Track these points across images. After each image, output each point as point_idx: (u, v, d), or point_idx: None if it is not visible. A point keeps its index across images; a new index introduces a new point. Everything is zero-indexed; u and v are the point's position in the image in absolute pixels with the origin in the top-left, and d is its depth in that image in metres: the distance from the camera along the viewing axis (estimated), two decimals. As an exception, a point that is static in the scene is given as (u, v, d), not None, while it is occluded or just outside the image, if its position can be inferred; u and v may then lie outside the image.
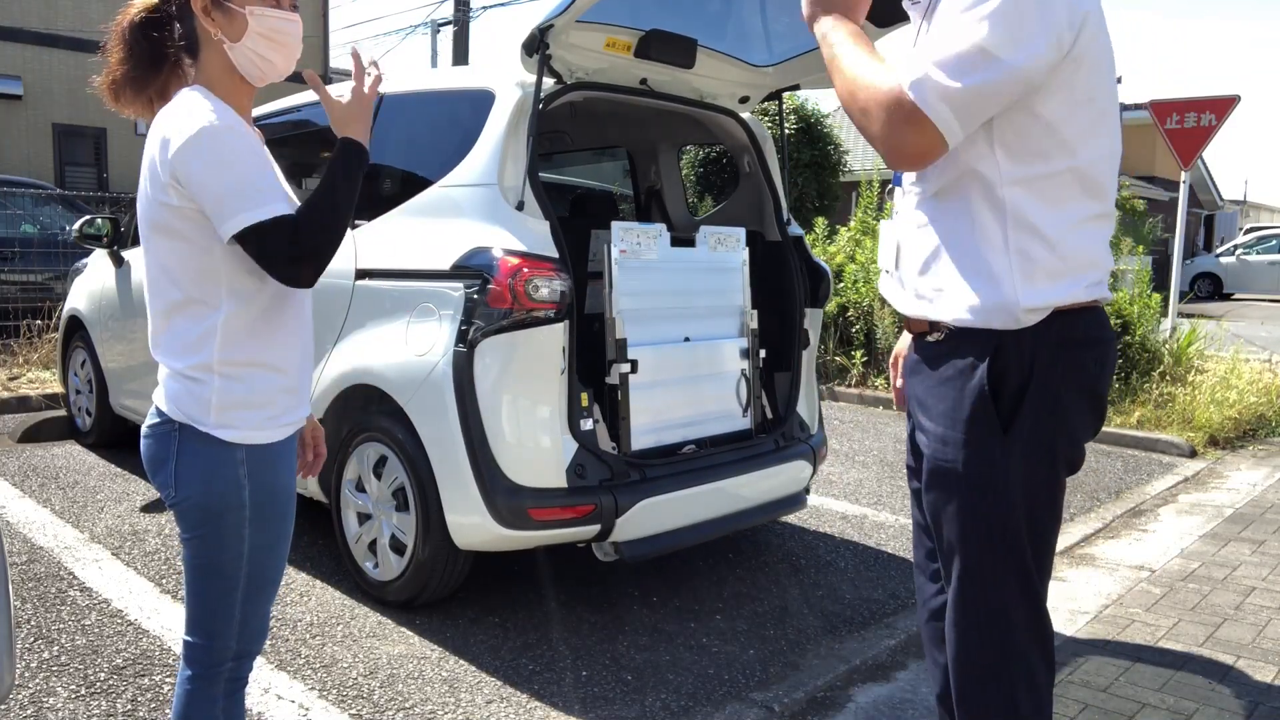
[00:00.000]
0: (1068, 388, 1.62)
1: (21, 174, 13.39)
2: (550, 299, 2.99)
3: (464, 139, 3.30)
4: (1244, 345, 8.66)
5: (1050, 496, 1.66)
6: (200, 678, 1.77)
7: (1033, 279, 1.58)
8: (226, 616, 1.75)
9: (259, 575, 1.77)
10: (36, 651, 2.93)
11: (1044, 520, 1.66)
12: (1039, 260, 1.58)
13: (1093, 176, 1.60)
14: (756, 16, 3.61)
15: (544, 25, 2.97)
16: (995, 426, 1.61)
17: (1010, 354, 1.60)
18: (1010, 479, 1.62)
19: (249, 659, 1.83)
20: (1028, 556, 1.65)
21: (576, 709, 2.70)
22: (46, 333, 7.55)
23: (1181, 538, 4.35)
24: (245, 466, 1.70)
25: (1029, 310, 1.57)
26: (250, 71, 1.74)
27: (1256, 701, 2.75)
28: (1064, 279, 1.59)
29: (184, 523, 1.75)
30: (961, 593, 1.70)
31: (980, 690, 1.71)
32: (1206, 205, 32.00)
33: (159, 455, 1.74)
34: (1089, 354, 1.64)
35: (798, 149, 13.41)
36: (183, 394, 1.70)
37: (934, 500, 1.71)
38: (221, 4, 1.69)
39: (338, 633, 3.15)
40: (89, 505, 4.42)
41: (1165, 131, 8.60)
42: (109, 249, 5.10)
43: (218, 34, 1.70)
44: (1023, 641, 1.66)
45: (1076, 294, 1.60)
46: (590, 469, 3.10)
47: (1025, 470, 1.62)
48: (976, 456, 1.62)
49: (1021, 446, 1.60)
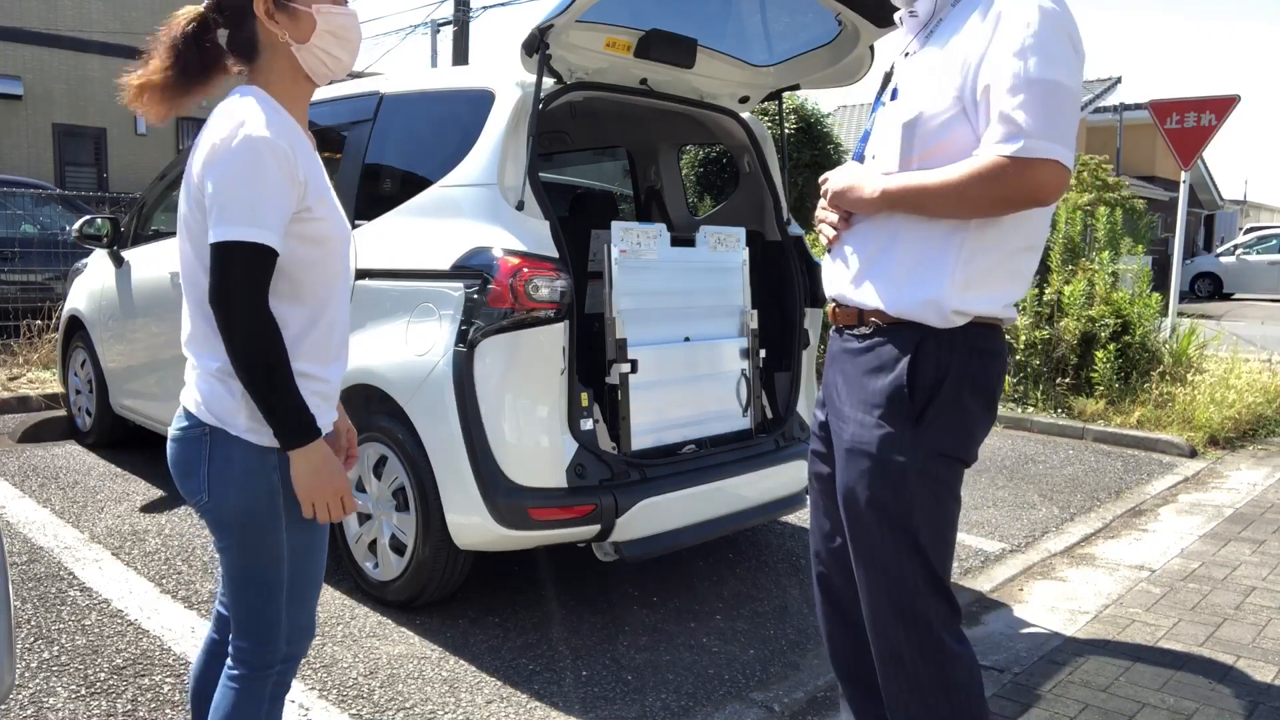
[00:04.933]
0: (973, 393, 1.80)
1: (21, 174, 13.38)
2: (550, 299, 2.99)
3: (464, 139, 3.30)
4: (1244, 345, 8.66)
5: (948, 486, 1.85)
6: (249, 678, 1.75)
7: (968, 287, 1.75)
8: (273, 621, 1.72)
9: (300, 577, 1.74)
10: (36, 651, 2.93)
11: (942, 506, 1.84)
12: (980, 271, 1.75)
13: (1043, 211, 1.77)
14: (756, 16, 3.61)
15: (544, 25, 2.97)
16: (908, 417, 1.79)
17: (930, 353, 1.78)
18: (914, 466, 1.80)
19: (295, 661, 1.81)
20: (922, 537, 1.82)
21: (576, 709, 2.70)
22: (46, 333, 7.55)
23: (1181, 538, 4.35)
24: (279, 471, 1.65)
25: (955, 312, 1.75)
26: (318, 71, 1.70)
27: (1256, 701, 2.75)
28: (993, 293, 1.77)
29: (219, 530, 1.70)
30: (866, 572, 1.89)
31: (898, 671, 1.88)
32: (1206, 205, 32.00)
33: (189, 461, 1.68)
34: (993, 365, 1.83)
35: (798, 149, 13.41)
36: (214, 395, 1.64)
37: (847, 478, 1.88)
38: (285, 5, 1.65)
39: (338, 633, 3.15)
40: (89, 505, 4.42)
41: (1165, 131, 8.60)
42: (109, 249, 5.10)
43: (284, 36, 1.66)
44: (925, 608, 1.83)
45: (996, 310, 1.79)
46: (590, 469, 3.10)
47: (927, 460, 1.80)
48: (886, 441, 1.80)
49: (928, 438, 1.79)
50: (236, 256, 1.54)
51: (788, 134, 11.18)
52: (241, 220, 1.54)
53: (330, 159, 3.93)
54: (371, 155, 3.72)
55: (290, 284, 1.64)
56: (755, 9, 3.56)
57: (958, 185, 1.67)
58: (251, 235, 1.54)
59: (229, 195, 1.55)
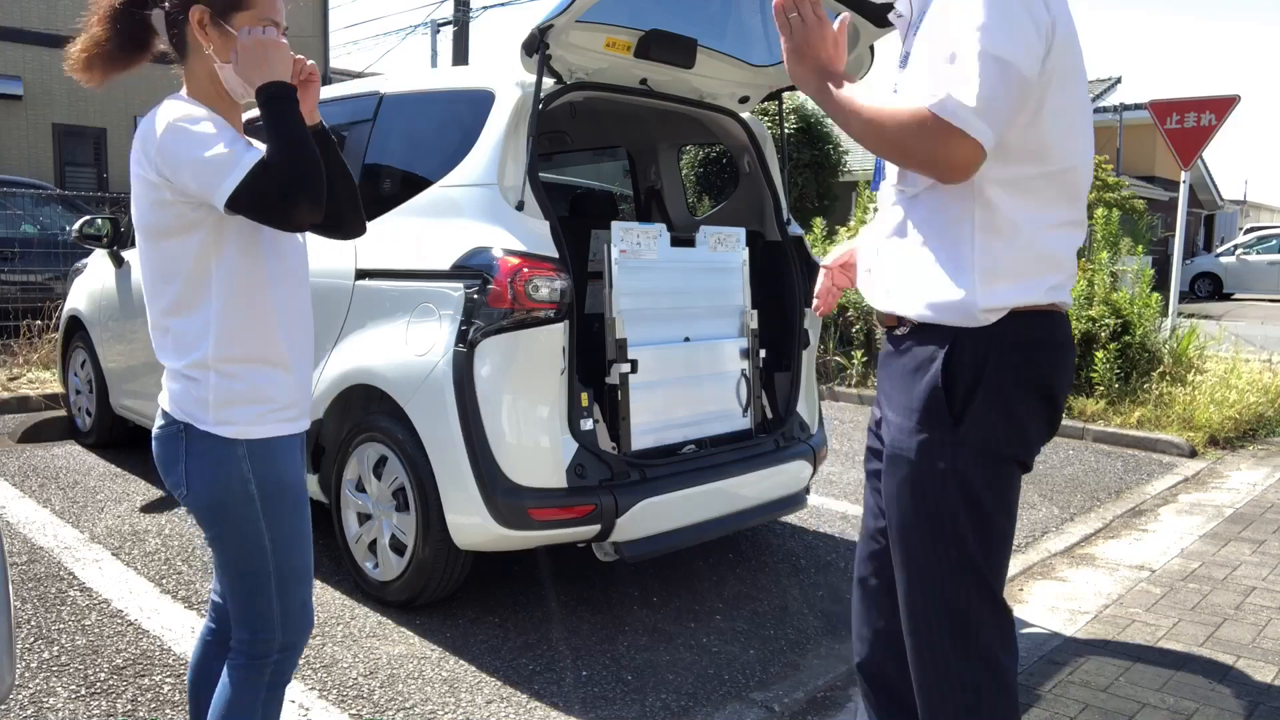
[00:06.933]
0: (1019, 387, 1.68)
1: (21, 174, 13.38)
2: (550, 299, 2.99)
3: (464, 139, 3.30)
4: (1244, 345, 8.66)
5: (997, 491, 1.71)
6: (246, 667, 1.82)
7: (993, 281, 1.64)
8: (266, 609, 1.80)
9: (286, 566, 1.81)
10: (36, 651, 2.93)
11: (990, 514, 1.70)
12: (1002, 262, 1.65)
13: (1070, 182, 1.66)
14: (756, 16, 3.61)
15: (544, 25, 2.97)
16: (946, 419, 1.68)
17: (965, 350, 1.67)
18: (956, 471, 1.68)
19: (294, 651, 1.87)
20: (970, 546, 1.70)
21: (576, 709, 2.70)
22: (46, 333, 7.55)
23: (1181, 538, 4.35)
24: (248, 461, 1.73)
25: (986, 310, 1.64)
26: (235, 90, 1.74)
27: (1256, 701, 2.75)
28: (1024, 281, 1.66)
29: (204, 521, 1.80)
30: (908, 580, 1.77)
31: (941, 682, 1.75)
32: (1206, 205, 31.99)
33: (169, 458, 1.79)
34: (1043, 355, 1.69)
35: (798, 149, 13.41)
36: (182, 393, 1.75)
37: (889, 486, 1.78)
38: (218, 22, 1.70)
39: (338, 633, 3.15)
40: (89, 505, 4.42)
41: (1165, 131, 8.59)
42: (109, 249, 5.10)
43: (209, 48, 1.71)
44: (978, 626, 1.71)
45: (1035, 297, 1.66)
46: (590, 469, 3.10)
47: (971, 464, 1.68)
48: (926, 446, 1.70)
49: (971, 439, 1.67)
50: (249, 186, 1.58)
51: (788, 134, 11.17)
52: (225, 171, 1.59)
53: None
54: (371, 155, 3.72)
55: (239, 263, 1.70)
56: (755, 9, 3.56)
57: (879, 116, 1.61)
58: (240, 174, 1.58)
59: (197, 166, 1.60)
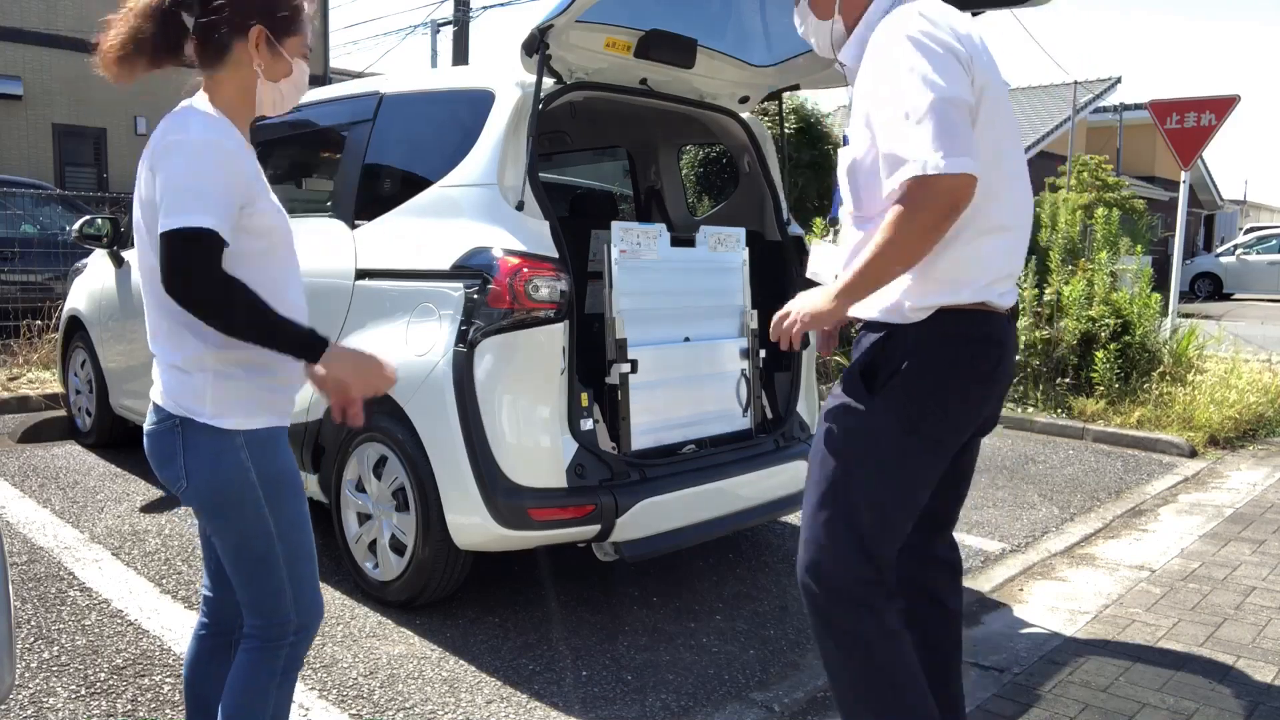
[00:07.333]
0: (942, 370, 1.89)
1: (21, 174, 13.37)
2: (550, 299, 2.99)
3: (464, 139, 3.30)
4: (1243, 345, 8.66)
5: (897, 459, 1.91)
6: (262, 650, 1.84)
7: (923, 284, 1.86)
8: (279, 592, 1.82)
9: (295, 549, 1.83)
10: (36, 651, 2.93)
11: (886, 477, 1.92)
12: (935, 269, 1.84)
13: (996, 193, 1.84)
14: (756, 16, 3.61)
15: (544, 25, 2.97)
16: (863, 390, 1.92)
17: (897, 340, 1.90)
18: (864, 430, 1.92)
19: (308, 633, 1.89)
20: (856, 496, 1.91)
21: (576, 709, 2.70)
22: (46, 333, 7.54)
23: (1181, 538, 4.35)
24: (246, 451, 1.76)
25: (914, 309, 1.87)
26: (267, 106, 1.82)
27: (1256, 701, 2.75)
28: (951, 284, 1.86)
29: (205, 513, 1.81)
30: (804, 526, 2.01)
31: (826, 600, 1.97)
32: (1206, 205, 32.02)
33: (165, 452, 1.79)
34: (967, 349, 1.90)
35: (798, 149, 13.41)
36: (179, 387, 1.76)
37: (817, 434, 2.04)
38: (274, 43, 1.77)
39: (338, 633, 3.15)
40: (89, 505, 4.42)
41: (1165, 131, 8.59)
42: (109, 249, 5.10)
43: (259, 65, 1.77)
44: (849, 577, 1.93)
45: (961, 297, 1.87)
46: (590, 469, 3.10)
47: (880, 426, 1.90)
48: (843, 408, 1.95)
49: (882, 405, 1.90)
50: (185, 242, 1.62)
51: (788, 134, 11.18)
52: (188, 209, 1.62)
53: (330, 159, 3.94)
54: (371, 155, 3.72)
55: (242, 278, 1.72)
56: (755, 9, 3.56)
57: (889, 241, 1.74)
58: (198, 221, 1.61)
59: (177, 186, 1.64)
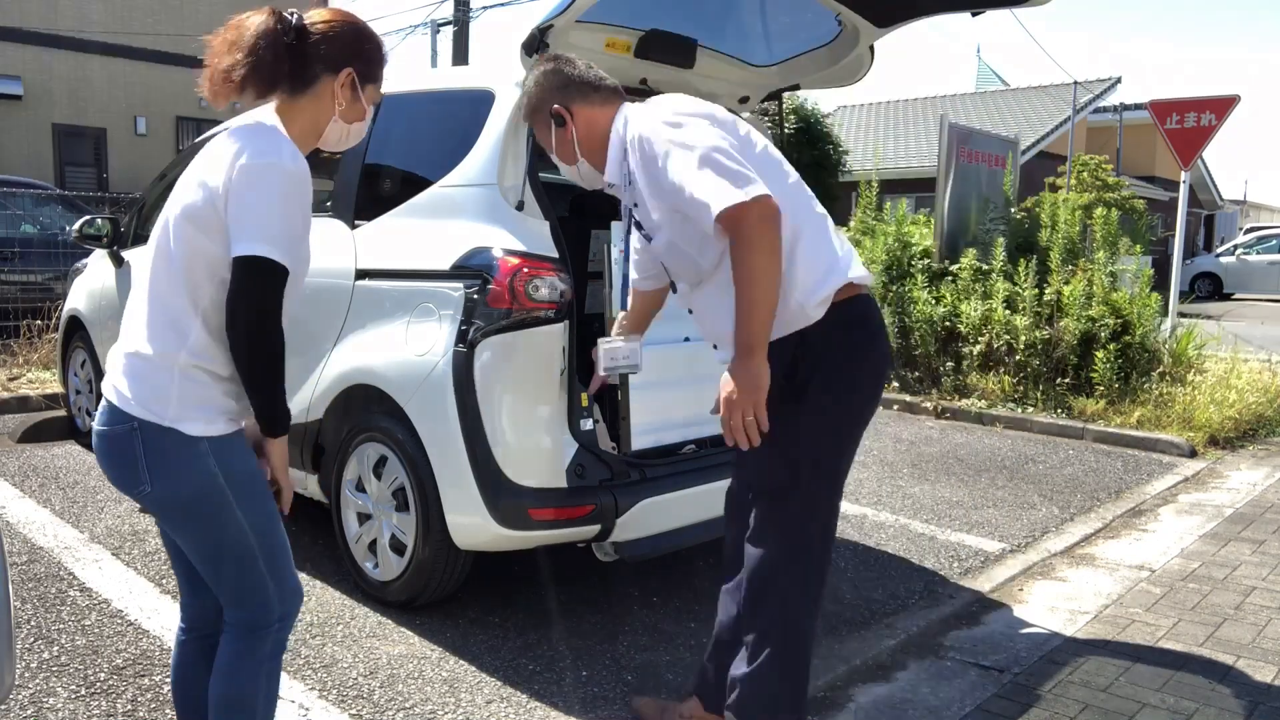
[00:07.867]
0: (847, 354, 2.18)
1: (21, 174, 13.37)
2: (550, 299, 2.99)
3: (464, 139, 3.30)
4: (1243, 345, 8.66)
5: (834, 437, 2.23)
6: (248, 639, 1.85)
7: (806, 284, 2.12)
8: (260, 586, 1.83)
9: (271, 545, 1.83)
10: (36, 652, 2.93)
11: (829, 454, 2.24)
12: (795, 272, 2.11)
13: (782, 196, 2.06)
14: (756, 16, 3.61)
15: (544, 25, 2.97)
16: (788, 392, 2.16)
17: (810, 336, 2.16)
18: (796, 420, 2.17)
19: (290, 619, 1.90)
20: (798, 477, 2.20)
21: (576, 709, 2.70)
22: (46, 333, 7.54)
23: (1181, 538, 4.36)
24: (212, 456, 1.75)
25: (817, 305, 2.13)
26: (330, 143, 1.88)
27: (1256, 701, 2.75)
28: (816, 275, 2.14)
29: (171, 517, 1.80)
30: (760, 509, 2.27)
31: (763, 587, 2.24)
32: (1206, 205, 32.01)
33: (122, 455, 1.75)
34: (860, 331, 2.21)
35: (798, 149, 13.41)
36: (139, 383, 1.73)
37: None
38: (356, 87, 1.82)
39: (338, 633, 3.15)
40: (89, 505, 4.42)
41: (1165, 131, 8.59)
42: (109, 249, 5.10)
43: (340, 104, 1.82)
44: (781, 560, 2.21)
45: (835, 281, 2.15)
46: (590, 469, 3.10)
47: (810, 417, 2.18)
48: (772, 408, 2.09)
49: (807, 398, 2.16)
50: (262, 271, 1.68)
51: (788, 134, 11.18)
52: (273, 240, 1.67)
53: (330, 159, 3.93)
54: (371, 155, 3.72)
55: None
56: (755, 9, 3.56)
57: (745, 278, 1.98)
58: (278, 255, 1.69)
59: (267, 213, 1.68)
